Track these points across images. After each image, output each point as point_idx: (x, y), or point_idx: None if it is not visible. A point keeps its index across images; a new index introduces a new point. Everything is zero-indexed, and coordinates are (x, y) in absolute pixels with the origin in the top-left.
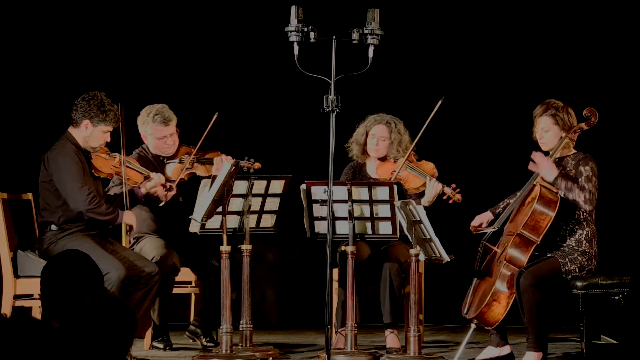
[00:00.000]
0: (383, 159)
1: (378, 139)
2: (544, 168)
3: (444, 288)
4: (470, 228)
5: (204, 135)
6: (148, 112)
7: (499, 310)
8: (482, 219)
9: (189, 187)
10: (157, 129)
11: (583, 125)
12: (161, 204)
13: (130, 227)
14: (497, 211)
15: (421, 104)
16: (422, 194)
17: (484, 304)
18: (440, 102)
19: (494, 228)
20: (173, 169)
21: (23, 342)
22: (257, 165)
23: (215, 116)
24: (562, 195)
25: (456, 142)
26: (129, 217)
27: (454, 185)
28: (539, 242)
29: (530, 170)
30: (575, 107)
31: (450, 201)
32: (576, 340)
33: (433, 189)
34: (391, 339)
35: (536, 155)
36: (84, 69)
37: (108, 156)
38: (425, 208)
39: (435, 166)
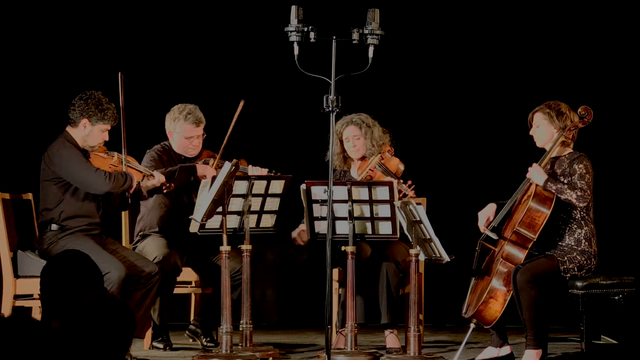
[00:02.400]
0: (363, 158)
1: (352, 139)
2: (533, 174)
3: (444, 288)
4: (480, 229)
5: (227, 135)
6: (181, 110)
7: (496, 308)
8: (486, 214)
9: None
10: (187, 128)
11: (578, 123)
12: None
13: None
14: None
15: (421, 104)
16: None
17: (481, 302)
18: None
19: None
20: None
21: (23, 342)
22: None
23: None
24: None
25: (456, 141)
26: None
27: (409, 182)
28: (535, 240)
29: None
30: (571, 105)
31: (406, 198)
32: (576, 340)
33: None
34: (391, 339)
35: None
36: (84, 70)
37: (106, 155)
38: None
39: (400, 161)
